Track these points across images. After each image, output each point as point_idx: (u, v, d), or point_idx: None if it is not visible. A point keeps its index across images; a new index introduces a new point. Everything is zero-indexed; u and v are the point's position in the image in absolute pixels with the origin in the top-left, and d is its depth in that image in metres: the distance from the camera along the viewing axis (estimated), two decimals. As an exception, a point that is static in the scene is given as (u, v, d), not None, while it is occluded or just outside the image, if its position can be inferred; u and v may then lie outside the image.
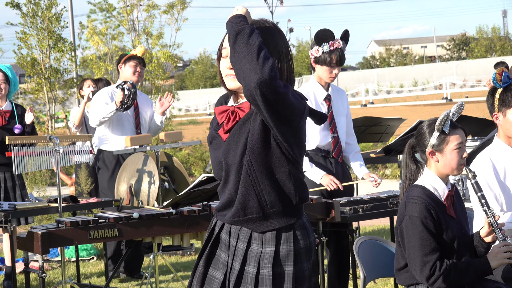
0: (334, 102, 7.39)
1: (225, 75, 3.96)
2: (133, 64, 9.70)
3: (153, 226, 6.28)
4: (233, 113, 3.95)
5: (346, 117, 7.51)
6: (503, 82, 5.71)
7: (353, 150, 7.57)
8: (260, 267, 3.97)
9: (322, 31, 7.21)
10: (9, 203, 8.39)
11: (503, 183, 5.75)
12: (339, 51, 7.14)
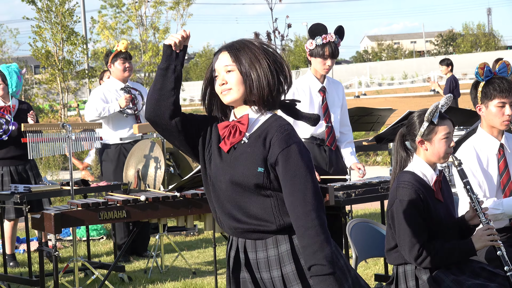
0: (329, 93, 7.37)
1: (219, 92, 3.88)
2: (121, 61, 9.64)
3: (159, 208, 6.28)
4: (234, 127, 3.87)
5: (341, 108, 7.50)
6: (485, 76, 5.72)
7: (346, 140, 7.55)
8: (282, 267, 3.89)
9: (315, 25, 7.21)
10: (24, 186, 8.39)
11: (486, 171, 5.75)
12: (332, 44, 7.13)
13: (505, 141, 5.82)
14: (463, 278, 5.03)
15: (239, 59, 3.82)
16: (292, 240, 3.87)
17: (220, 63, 3.87)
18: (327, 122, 7.30)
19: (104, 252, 10.73)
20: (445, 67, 18.43)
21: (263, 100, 3.86)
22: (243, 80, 3.81)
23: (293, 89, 7.22)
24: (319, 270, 3.72)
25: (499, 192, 5.76)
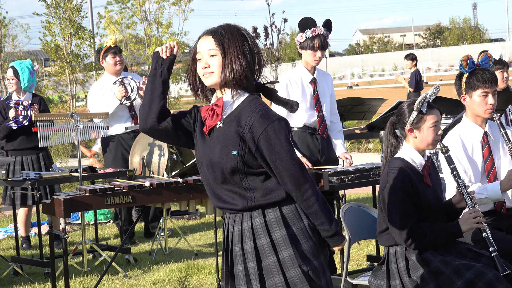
0: (319, 84, 7.37)
1: (201, 75, 3.91)
2: (111, 56, 9.64)
3: (163, 193, 6.28)
4: (212, 110, 3.91)
5: (330, 98, 7.50)
6: (469, 67, 5.74)
7: (336, 129, 7.55)
8: (270, 234, 3.92)
9: (304, 19, 7.21)
10: (36, 173, 8.41)
11: (471, 158, 5.76)
12: (321, 37, 7.13)
13: (488, 129, 5.83)
14: (450, 258, 5.04)
15: (223, 44, 3.84)
16: (265, 213, 3.92)
17: (204, 47, 3.89)
18: (319, 112, 7.32)
19: (111, 235, 10.75)
20: (410, 61, 18.45)
21: (238, 82, 3.88)
22: (224, 63, 3.83)
23: (286, 81, 7.24)
24: (323, 232, 3.95)
25: (483, 178, 5.77)
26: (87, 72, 26.86)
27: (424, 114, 5.13)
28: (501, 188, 5.56)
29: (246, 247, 3.93)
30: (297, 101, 7.11)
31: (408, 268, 5.08)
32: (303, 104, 7.18)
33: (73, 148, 20.14)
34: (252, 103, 3.87)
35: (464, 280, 4.89)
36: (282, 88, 7.20)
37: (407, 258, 5.09)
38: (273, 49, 19.37)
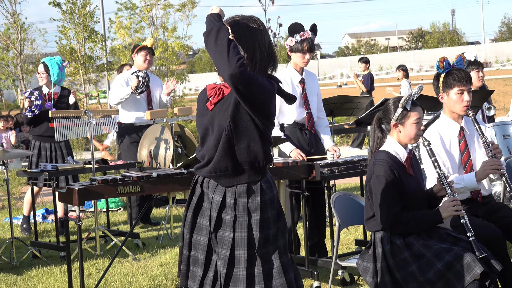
0: (307, 84, 7.37)
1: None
2: (144, 53, 9.74)
3: (169, 183, 6.27)
4: (219, 89, 4.06)
5: (317, 96, 7.51)
6: (445, 68, 5.77)
7: (323, 124, 7.56)
8: (236, 215, 4.07)
9: (293, 24, 7.21)
10: (52, 165, 8.41)
11: (449, 151, 5.77)
12: (309, 40, 7.14)
13: (464, 124, 5.85)
14: (431, 242, 5.05)
15: (239, 35, 4.01)
16: (250, 186, 4.08)
17: None
18: (307, 109, 7.32)
19: (121, 221, 10.75)
20: (364, 64, 18.36)
21: (253, 67, 4.02)
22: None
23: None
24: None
25: (460, 169, 5.78)
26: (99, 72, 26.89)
27: (408, 111, 5.15)
28: (477, 178, 5.58)
29: (227, 201, 4.12)
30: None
31: (392, 251, 5.08)
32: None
33: (87, 142, 20.16)
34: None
35: (444, 262, 4.90)
36: None
37: (392, 242, 5.10)
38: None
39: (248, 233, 4.05)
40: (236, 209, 4.08)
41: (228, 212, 4.09)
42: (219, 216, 4.10)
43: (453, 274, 4.87)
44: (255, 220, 4.06)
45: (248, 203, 4.07)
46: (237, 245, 4.05)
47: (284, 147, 7.12)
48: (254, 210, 4.07)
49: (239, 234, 4.05)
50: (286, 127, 7.27)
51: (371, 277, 5.13)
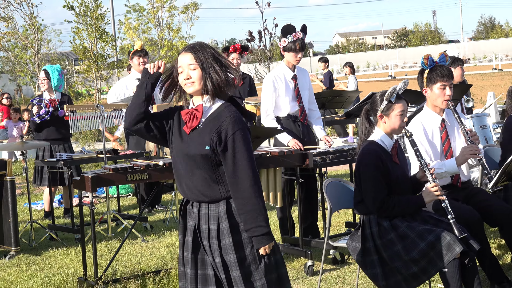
0: (299, 80, 7.36)
1: (183, 84, 3.98)
2: (137, 57, 9.69)
3: (174, 171, 6.26)
4: (193, 114, 3.98)
5: (308, 90, 7.50)
6: (429, 65, 5.77)
7: (315, 116, 7.55)
8: (219, 222, 4.01)
9: (286, 26, 7.21)
10: (67, 154, 8.41)
11: (431, 141, 5.77)
12: (301, 40, 7.14)
13: (445, 116, 5.85)
14: (415, 224, 5.05)
15: (200, 59, 3.93)
16: (229, 203, 3.98)
17: (184, 61, 3.97)
18: (300, 103, 7.32)
19: (131, 206, 10.75)
20: (323, 63, 18.30)
21: (215, 91, 3.97)
22: (203, 76, 3.93)
23: (272, 78, 7.24)
24: (260, 230, 3.87)
25: (442, 157, 5.78)
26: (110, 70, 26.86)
27: (393, 103, 5.15)
28: (457, 163, 5.58)
29: (211, 228, 4.01)
30: (281, 95, 7.13)
31: (380, 233, 5.08)
32: (287, 98, 7.22)
33: (99, 133, 20.12)
34: (226, 109, 3.97)
35: (427, 242, 4.90)
36: (269, 84, 7.21)
37: (379, 224, 5.09)
38: (266, 50, 19.38)
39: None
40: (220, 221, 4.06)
41: (223, 221, 4.05)
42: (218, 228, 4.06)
43: (435, 253, 4.87)
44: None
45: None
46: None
47: (282, 138, 7.12)
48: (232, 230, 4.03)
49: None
50: (281, 120, 7.27)
51: (360, 256, 5.14)
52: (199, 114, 3.96)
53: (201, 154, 3.91)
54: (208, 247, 4.02)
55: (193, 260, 4.09)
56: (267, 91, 7.21)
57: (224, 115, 3.93)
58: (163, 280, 6.11)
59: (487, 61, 55.97)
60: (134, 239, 8.37)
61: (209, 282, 4.05)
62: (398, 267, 4.97)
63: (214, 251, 3.99)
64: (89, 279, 6.25)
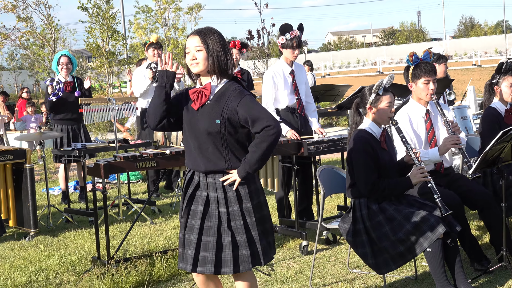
0: (296, 74, 7.35)
1: (189, 64, 4.06)
2: (152, 49, 9.74)
3: (179, 159, 6.26)
4: (201, 92, 4.03)
5: (305, 84, 7.49)
6: (414, 61, 5.78)
7: (311, 109, 7.54)
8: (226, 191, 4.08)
9: (284, 25, 7.20)
10: (82, 144, 8.42)
11: (416, 131, 5.77)
12: (297, 38, 7.13)
13: (430, 107, 5.86)
14: (401, 207, 5.05)
15: (206, 42, 4.01)
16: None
17: (191, 43, 4.05)
18: (297, 96, 7.31)
19: (140, 191, 10.75)
20: (307, 67, 18.24)
21: (220, 71, 4.04)
22: (207, 57, 4.00)
23: (272, 73, 7.22)
24: (249, 169, 4.00)
25: (426, 145, 5.78)
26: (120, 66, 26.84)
27: (381, 95, 5.15)
28: (439, 152, 5.60)
29: (219, 196, 4.07)
30: (280, 89, 7.13)
31: (369, 215, 5.08)
32: (285, 91, 7.21)
33: (111, 124, 20.11)
34: (231, 86, 4.05)
35: (412, 224, 4.90)
36: (269, 78, 7.21)
37: (369, 207, 5.09)
38: (264, 47, 19.34)
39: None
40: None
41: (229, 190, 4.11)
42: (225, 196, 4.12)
43: (420, 234, 4.87)
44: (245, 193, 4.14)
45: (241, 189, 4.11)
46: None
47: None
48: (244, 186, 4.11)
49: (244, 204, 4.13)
50: (280, 111, 7.26)
51: (351, 237, 5.14)
52: (207, 92, 4.02)
53: (211, 127, 3.97)
54: (216, 213, 4.07)
55: (199, 227, 4.11)
56: (267, 85, 7.20)
57: (229, 89, 4.01)
58: (170, 259, 6.11)
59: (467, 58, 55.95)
60: (143, 221, 8.38)
61: (209, 234, 4.09)
62: (386, 246, 4.97)
63: (222, 217, 4.06)
64: (102, 258, 6.25)
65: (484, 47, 59.50)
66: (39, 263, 6.64)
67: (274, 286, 5.61)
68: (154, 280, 5.84)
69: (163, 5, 26.90)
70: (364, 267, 5.90)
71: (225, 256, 4.03)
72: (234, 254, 4.03)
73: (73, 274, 6.15)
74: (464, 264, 5.56)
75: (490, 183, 6.12)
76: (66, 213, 8.67)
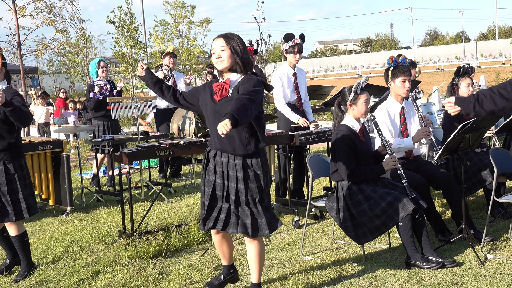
0: (298, 76, 7.34)
1: (215, 63, 4.05)
2: (168, 57, 9.71)
3: (192, 147, 6.24)
4: (222, 86, 4.01)
5: (304, 85, 7.48)
6: (393, 63, 5.75)
7: (308, 106, 7.54)
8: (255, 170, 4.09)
9: (287, 34, 7.19)
10: (110, 136, 8.38)
11: (393, 122, 5.76)
12: (299, 45, 7.11)
13: (404, 104, 5.84)
14: (377, 188, 5.04)
15: (230, 43, 4.00)
16: (253, 158, 4.07)
17: (217, 45, 4.03)
18: (298, 94, 7.31)
19: (159, 175, 10.73)
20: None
21: (244, 66, 4.02)
22: (230, 55, 3.99)
23: (279, 74, 7.22)
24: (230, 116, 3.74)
25: (400, 135, 5.77)
26: (142, 70, 26.82)
27: (359, 94, 5.12)
28: (413, 141, 5.62)
29: (238, 175, 4.07)
30: (285, 87, 7.13)
31: (350, 195, 5.06)
32: (288, 89, 7.22)
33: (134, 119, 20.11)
34: (250, 79, 3.99)
35: (386, 202, 4.89)
36: (276, 78, 7.22)
37: (350, 188, 5.08)
38: (262, 55, 19.33)
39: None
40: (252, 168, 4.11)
41: (241, 170, 4.10)
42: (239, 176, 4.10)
43: (393, 210, 4.86)
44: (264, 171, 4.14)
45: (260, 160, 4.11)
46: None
47: (293, 117, 7.13)
48: (260, 168, 4.10)
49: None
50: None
51: (335, 213, 5.13)
52: (227, 86, 4.00)
53: None
54: (234, 188, 4.07)
55: (219, 195, 4.14)
56: (276, 84, 7.21)
57: (243, 81, 3.97)
58: (184, 232, 6.10)
59: (432, 63, 55.84)
60: (161, 200, 8.36)
61: (229, 203, 4.11)
62: (364, 221, 4.96)
63: (241, 191, 4.07)
64: (127, 231, 6.25)
65: (446, 54, 59.35)
66: (74, 235, 6.64)
67: (271, 254, 5.60)
68: (170, 249, 5.83)
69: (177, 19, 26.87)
70: (346, 238, 5.90)
71: (247, 223, 4.08)
72: (253, 222, 4.09)
73: (103, 245, 6.14)
74: (429, 236, 5.56)
75: (452, 167, 6.12)
76: (96, 194, 8.66)
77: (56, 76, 43.22)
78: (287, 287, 4.67)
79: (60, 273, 5.34)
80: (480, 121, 5.15)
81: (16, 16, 17.55)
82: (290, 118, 7.17)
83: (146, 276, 5.09)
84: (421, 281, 4.63)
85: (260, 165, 4.09)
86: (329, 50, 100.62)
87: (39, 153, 7.67)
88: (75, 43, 25.40)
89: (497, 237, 5.65)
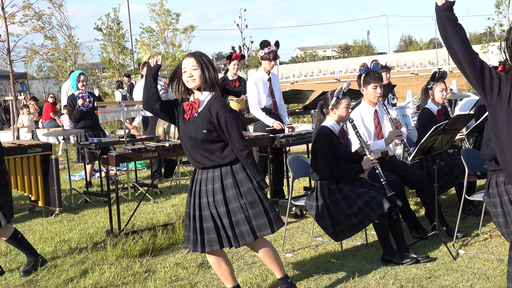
0: (273, 81, 7.36)
1: (186, 81, 3.97)
2: (147, 67, 9.60)
3: (177, 150, 6.23)
4: (192, 106, 3.97)
5: (279, 90, 7.50)
6: (365, 70, 5.77)
7: (283, 110, 7.56)
8: (223, 180, 4.02)
9: (263, 41, 7.22)
10: (97, 138, 8.34)
11: (367, 126, 5.79)
12: (274, 52, 7.14)
13: (377, 108, 5.87)
14: (355, 187, 5.06)
15: (200, 62, 3.95)
16: (230, 166, 4.00)
17: (188, 64, 3.97)
18: (273, 98, 7.33)
19: (145, 177, 10.68)
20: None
21: (210, 86, 3.97)
22: (201, 75, 3.94)
23: (254, 80, 7.23)
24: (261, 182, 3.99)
25: (375, 138, 5.80)
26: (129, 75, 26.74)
27: (340, 99, 5.14)
28: (385, 143, 5.63)
29: (215, 187, 3.99)
30: (260, 92, 7.12)
31: (329, 194, 5.07)
32: (264, 94, 7.22)
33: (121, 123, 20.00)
34: (216, 99, 3.96)
35: (363, 201, 4.91)
36: (252, 84, 7.22)
37: (329, 187, 5.09)
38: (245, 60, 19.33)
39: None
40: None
41: (227, 178, 4.04)
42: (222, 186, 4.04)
43: (369, 209, 4.89)
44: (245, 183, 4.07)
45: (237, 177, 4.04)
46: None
47: (267, 120, 7.16)
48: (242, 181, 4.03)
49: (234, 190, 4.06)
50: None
51: (314, 212, 5.14)
52: (196, 106, 3.95)
53: (200, 135, 3.90)
54: (212, 202, 3.98)
55: (193, 216, 4.06)
56: (251, 89, 7.23)
57: (214, 104, 3.92)
58: (169, 231, 6.08)
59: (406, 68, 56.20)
60: (148, 201, 8.33)
61: (207, 221, 4.02)
62: (342, 219, 4.98)
63: (218, 203, 3.97)
64: (114, 231, 6.22)
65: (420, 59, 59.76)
66: (63, 235, 6.59)
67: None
68: (156, 248, 5.81)
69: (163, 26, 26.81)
70: (325, 236, 5.92)
71: (242, 230, 4.00)
72: (250, 226, 4.00)
73: (91, 244, 6.10)
74: (404, 232, 5.60)
75: (425, 167, 6.17)
76: (85, 195, 8.61)
77: (45, 81, 42.85)
78: (269, 283, 4.68)
79: (49, 272, 5.30)
80: (452, 123, 5.20)
81: (5, 23, 17.39)
82: (265, 121, 7.20)
83: (133, 274, 5.07)
84: (397, 276, 4.67)
85: (232, 172, 4.03)
86: (308, 56, 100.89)
87: (28, 156, 7.61)
88: (63, 49, 25.24)
89: (468, 233, 5.71)
